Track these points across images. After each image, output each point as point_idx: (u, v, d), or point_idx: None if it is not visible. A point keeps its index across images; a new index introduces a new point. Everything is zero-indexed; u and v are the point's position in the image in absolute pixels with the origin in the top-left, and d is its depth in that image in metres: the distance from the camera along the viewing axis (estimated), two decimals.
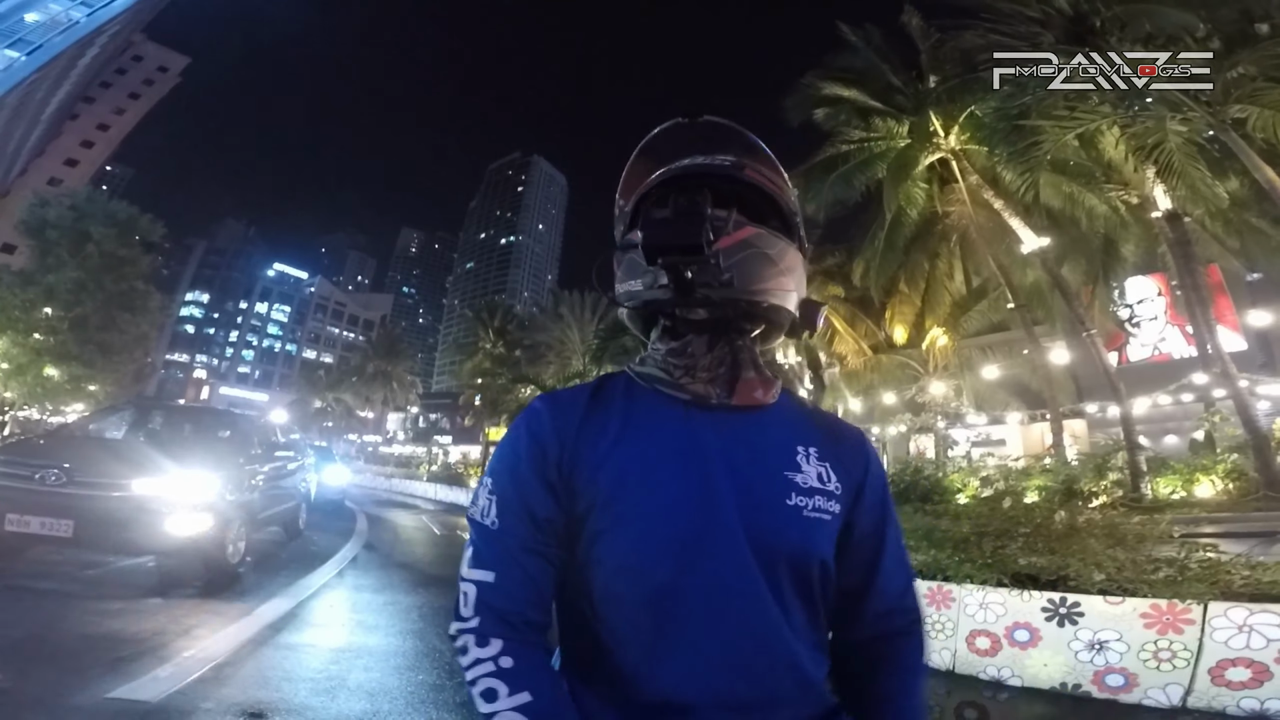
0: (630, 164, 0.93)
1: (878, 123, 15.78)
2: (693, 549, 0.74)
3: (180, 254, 76.93)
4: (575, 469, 0.78)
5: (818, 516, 0.79)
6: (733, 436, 0.80)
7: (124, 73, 62.74)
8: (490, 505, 0.79)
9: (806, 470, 0.81)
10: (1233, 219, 12.28)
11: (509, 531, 0.77)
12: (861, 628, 0.87)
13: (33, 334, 24.46)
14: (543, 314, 38.91)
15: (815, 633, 0.81)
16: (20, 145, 45.95)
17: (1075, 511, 5.03)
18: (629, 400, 0.84)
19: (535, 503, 0.78)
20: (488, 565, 0.76)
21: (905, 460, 17.70)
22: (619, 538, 0.75)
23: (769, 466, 0.80)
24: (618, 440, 0.79)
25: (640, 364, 0.88)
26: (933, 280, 18.05)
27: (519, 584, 0.76)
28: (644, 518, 0.75)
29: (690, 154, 0.87)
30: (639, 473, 0.77)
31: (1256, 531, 7.67)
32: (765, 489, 0.78)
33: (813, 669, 0.79)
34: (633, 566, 0.75)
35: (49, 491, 4.48)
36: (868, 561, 0.86)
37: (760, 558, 0.75)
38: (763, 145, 0.90)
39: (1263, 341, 17.57)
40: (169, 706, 2.70)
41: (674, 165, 0.86)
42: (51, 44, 38.53)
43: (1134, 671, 3.35)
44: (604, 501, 0.76)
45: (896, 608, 0.88)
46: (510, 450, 0.81)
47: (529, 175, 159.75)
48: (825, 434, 0.87)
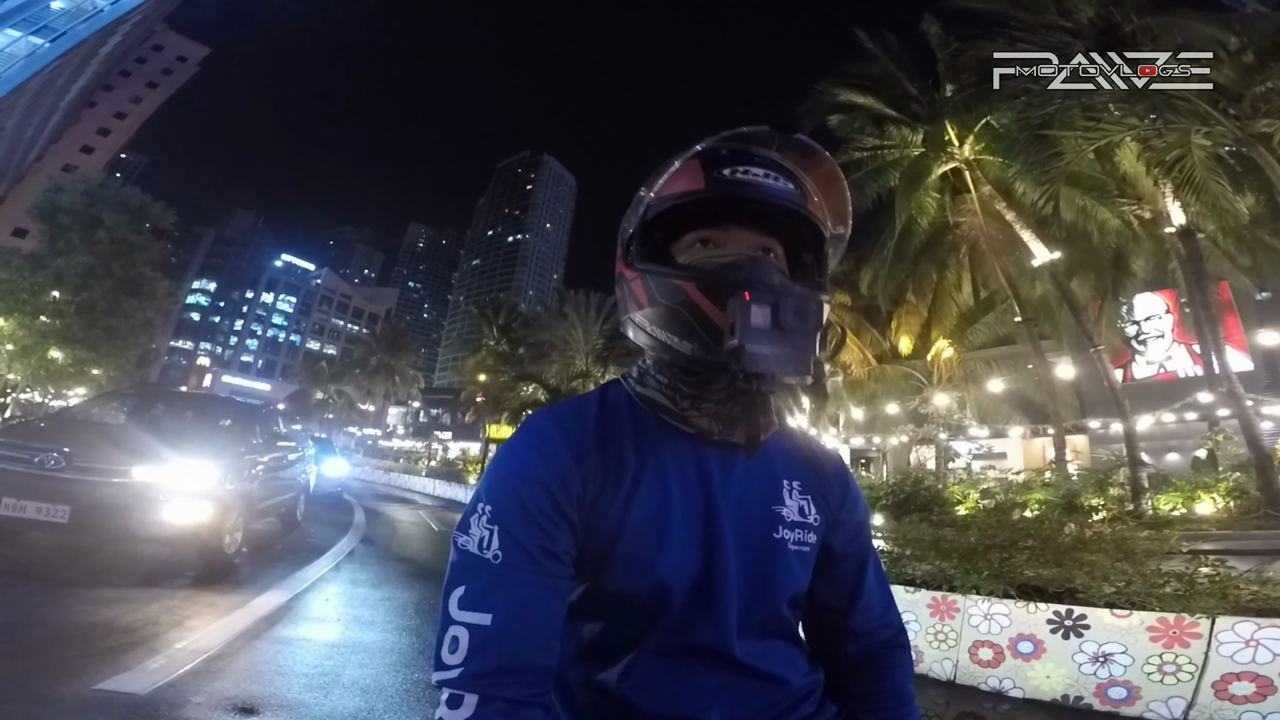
0: (685, 159, 0.79)
1: (892, 131, 15.79)
2: (694, 580, 0.75)
3: (189, 242, 77.19)
4: (596, 503, 0.74)
5: (798, 550, 0.81)
6: (731, 472, 0.80)
7: (144, 62, 63.04)
8: (490, 536, 0.70)
9: (790, 505, 0.83)
10: (1246, 236, 12.21)
11: (516, 567, 0.69)
12: (851, 643, 0.89)
13: (39, 317, 24.59)
14: (547, 313, 38.81)
15: (796, 658, 0.85)
16: (38, 131, 46.18)
17: (1084, 525, 4.99)
18: (637, 426, 0.80)
19: (550, 535, 0.71)
20: (486, 607, 0.67)
21: (906, 471, 17.66)
22: (633, 568, 0.74)
23: (760, 502, 0.81)
24: (636, 475, 0.77)
25: (640, 382, 0.83)
26: (940, 291, 17.99)
27: (526, 627, 0.67)
28: (661, 561, 0.74)
29: (748, 164, 0.77)
30: (657, 512, 0.76)
31: (1257, 550, 7.67)
32: (758, 525, 0.80)
33: (794, 694, 0.82)
34: (635, 595, 0.75)
35: (47, 476, 4.44)
36: (852, 582, 0.89)
37: (753, 589, 0.77)
38: (831, 162, 0.82)
39: (1269, 362, 17.43)
40: (158, 699, 2.65)
41: (735, 176, 0.76)
42: (75, 31, 38.63)
43: (1137, 684, 3.34)
44: (626, 541, 0.74)
45: (882, 623, 0.91)
46: (517, 476, 0.73)
47: (538, 174, 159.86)
48: (808, 466, 0.88)
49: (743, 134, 0.79)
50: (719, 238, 0.78)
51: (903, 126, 15.73)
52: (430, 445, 49.74)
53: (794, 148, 0.81)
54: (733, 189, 0.75)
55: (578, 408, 0.81)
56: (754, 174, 0.76)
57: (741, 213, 0.77)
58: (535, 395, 28.39)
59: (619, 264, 0.83)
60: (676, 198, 0.77)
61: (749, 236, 0.78)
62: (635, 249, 0.80)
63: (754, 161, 0.77)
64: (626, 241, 0.82)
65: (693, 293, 0.72)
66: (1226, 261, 13.98)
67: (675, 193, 0.78)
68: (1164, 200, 11.75)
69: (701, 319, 0.72)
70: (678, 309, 0.73)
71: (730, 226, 0.78)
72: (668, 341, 0.75)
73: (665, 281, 0.75)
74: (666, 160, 0.80)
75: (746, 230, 0.78)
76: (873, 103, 16.04)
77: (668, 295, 0.74)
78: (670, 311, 0.74)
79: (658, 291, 0.75)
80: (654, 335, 0.76)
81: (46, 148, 51.66)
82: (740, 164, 0.76)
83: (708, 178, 0.76)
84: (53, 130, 50.07)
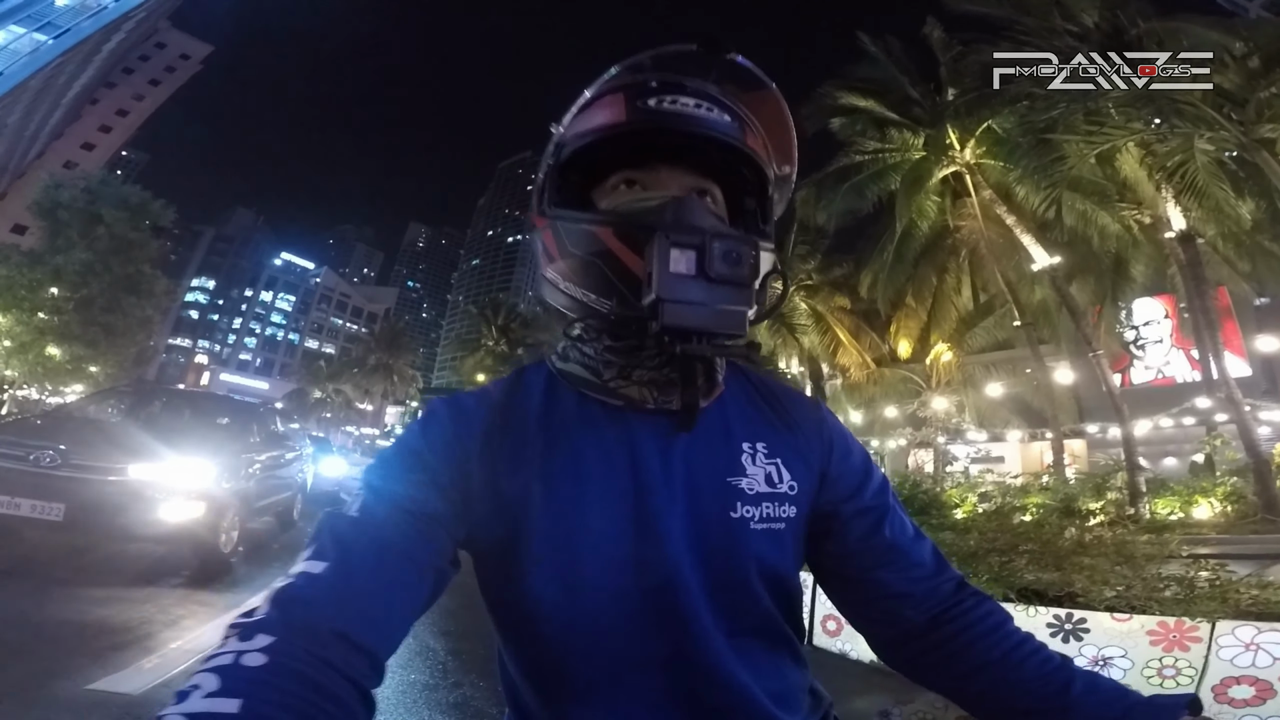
0: (603, 86, 0.69)
1: (893, 134, 15.79)
2: (632, 579, 0.63)
3: (189, 240, 77.15)
4: (487, 482, 0.64)
5: (766, 527, 0.67)
6: (672, 446, 0.67)
7: (147, 59, 62.96)
8: (355, 501, 0.62)
9: (753, 473, 0.69)
10: (1245, 242, 12.24)
11: (370, 520, 0.59)
12: (913, 609, 0.72)
13: (38, 313, 24.53)
14: (546, 313, 38.78)
15: (779, 662, 0.70)
16: (40, 128, 46.13)
17: (1083, 529, 5.00)
18: (551, 404, 0.70)
19: (415, 495, 0.61)
20: (324, 556, 0.55)
21: (904, 474, 17.64)
22: (549, 571, 0.63)
23: (712, 474, 0.68)
24: (544, 465, 0.65)
25: (562, 358, 0.73)
26: (940, 295, 18.02)
27: (361, 584, 0.55)
28: (577, 547, 0.63)
29: (678, 93, 0.67)
30: (570, 494, 0.64)
31: (1254, 554, 7.66)
32: (711, 504, 0.66)
33: (774, 706, 0.67)
34: (564, 605, 0.63)
35: (42, 473, 4.41)
36: (879, 542, 0.73)
37: (708, 582, 0.65)
38: (776, 93, 0.73)
39: (1267, 367, 17.48)
40: (151, 699, 2.62)
41: (662, 107, 0.66)
42: (79, 28, 38.59)
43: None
44: (529, 528, 0.63)
45: (939, 573, 0.74)
46: (394, 447, 0.67)
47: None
48: (775, 420, 0.74)
49: (669, 54, 0.68)
50: (645, 179, 0.69)
51: (904, 130, 15.74)
52: None
53: (731, 74, 0.70)
54: (659, 119, 0.66)
55: (484, 391, 0.73)
56: (684, 103, 0.66)
57: (671, 149, 0.68)
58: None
59: (532, 215, 0.73)
60: (593, 133, 0.68)
61: (680, 176, 0.69)
62: (548, 195, 0.70)
63: (685, 91, 0.67)
64: (540, 188, 0.72)
65: (608, 239, 0.64)
66: (1226, 267, 14.02)
67: (592, 127, 0.68)
68: (1165, 205, 11.80)
69: (619, 269, 0.63)
70: (592, 259, 0.65)
71: (659, 166, 0.69)
72: (583, 299, 0.66)
73: (578, 229, 0.66)
74: (588, 92, 0.70)
75: (677, 170, 0.69)
76: (875, 106, 16.05)
77: (581, 244, 0.65)
78: (584, 263, 0.65)
79: (569, 241, 0.66)
80: (568, 293, 0.68)
81: (48, 144, 51.61)
82: (669, 93, 0.67)
83: (630, 108, 0.67)
84: (54, 127, 50.04)
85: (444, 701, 3.04)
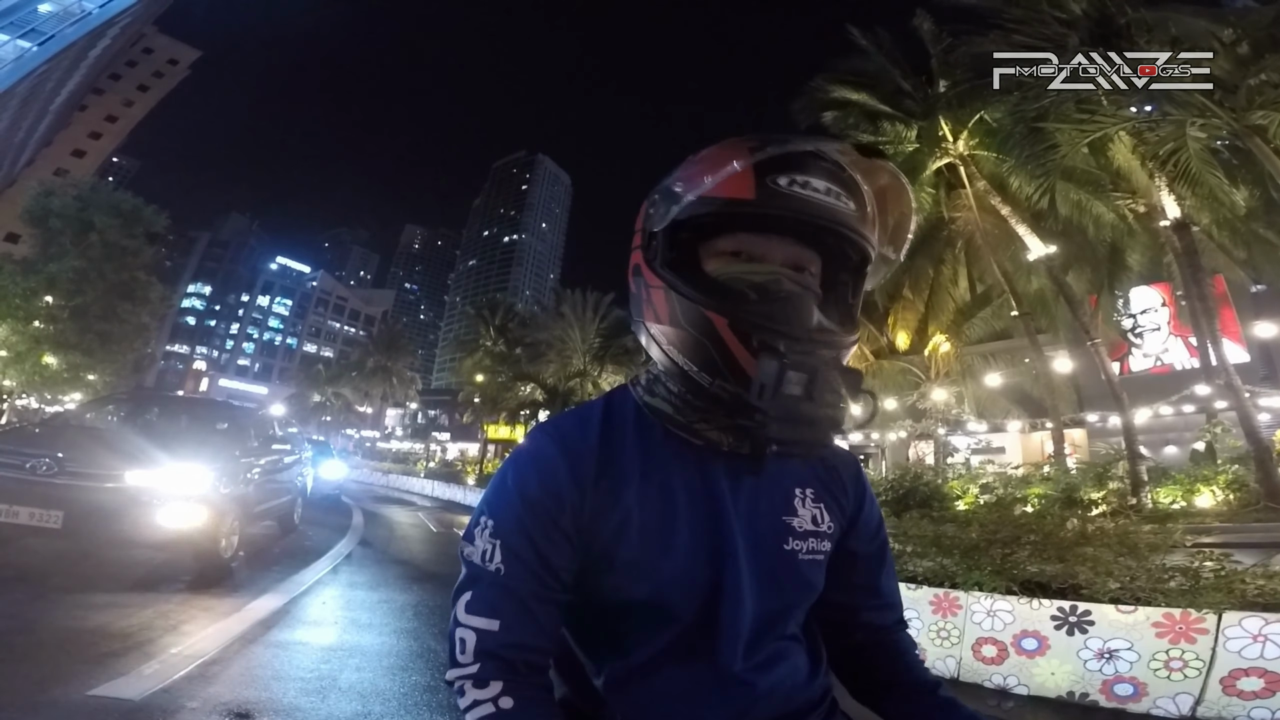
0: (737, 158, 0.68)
1: (886, 127, 15.82)
2: (708, 598, 0.75)
3: (183, 246, 76.80)
4: (596, 518, 0.74)
5: (811, 559, 0.81)
6: (740, 484, 0.79)
7: (134, 65, 62.72)
8: (493, 550, 0.73)
9: (803, 514, 0.82)
10: (1240, 229, 12.25)
11: (516, 578, 0.72)
12: (862, 633, 0.90)
13: (33, 322, 24.43)
14: (544, 312, 38.65)
15: (811, 662, 0.84)
16: (28, 136, 45.93)
17: (1085, 519, 4.97)
18: (642, 438, 0.79)
19: (548, 551, 0.73)
20: (491, 613, 0.71)
21: (905, 466, 17.66)
22: (637, 581, 0.74)
23: (771, 513, 0.80)
24: (640, 488, 0.76)
25: (648, 391, 0.82)
26: (937, 286, 18.02)
27: (526, 632, 0.72)
28: (665, 571, 0.74)
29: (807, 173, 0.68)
30: (660, 526, 0.75)
31: (1258, 542, 7.64)
32: (769, 536, 0.79)
33: (798, 700, 0.81)
34: (646, 612, 0.75)
35: (40, 481, 4.39)
36: (868, 579, 0.90)
37: (760, 596, 0.76)
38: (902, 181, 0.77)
39: (1265, 354, 17.51)
40: (152, 705, 2.61)
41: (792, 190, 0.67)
42: (63, 35, 38.31)
43: (1144, 680, 3.32)
44: (628, 546, 0.74)
45: (891, 611, 0.92)
46: (517, 492, 0.75)
47: (534, 174, 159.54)
48: (821, 470, 0.86)
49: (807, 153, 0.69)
50: (753, 246, 0.73)
51: (897, 122, 15.76)
52: (428, 446, 49.64)
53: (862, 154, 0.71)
54: (786, 205, 0.67)
55: (582, 420, 0.80)
56: (814, 188, 0.68)
57: (787, 225, 0.71)
58: (533, 395, 28.35)
59: (638, 254, 0.76)
60: (719, 203, 0.69)
61: (787, 247, 0.73)
62: (660, 249, 0.74)
63: (813, 171, 0.68)
64: (649, 233, 0.75)
65: (722, 329, 0.68)
66: (1221, 254, 14.05)
67: (717, 196, 0.68)
68: (1159, 194, 11.78)
69: (727, 358, 0.68)
70: (702, 340, 0.69)
71: (771, 236, 0.73)
72: (685, 369, 0.72)
73: (694, 308, 0.69)
74: (711, 152, 0.71)
75: (786, 239, 0.73)
76: (866, 99, 16.08)
77: (693, 322, 0.69)
78: (694, 340, 0.70)
79: (681, 313, 0.70)
80: (671, 357, 0.74)
81: (37, 152, 51.40)
82: (798, 171, 0.68)
83: (759, 186, 0.67)
84: (43, 134, 49.83)
85: (444, 704, 3.02)
